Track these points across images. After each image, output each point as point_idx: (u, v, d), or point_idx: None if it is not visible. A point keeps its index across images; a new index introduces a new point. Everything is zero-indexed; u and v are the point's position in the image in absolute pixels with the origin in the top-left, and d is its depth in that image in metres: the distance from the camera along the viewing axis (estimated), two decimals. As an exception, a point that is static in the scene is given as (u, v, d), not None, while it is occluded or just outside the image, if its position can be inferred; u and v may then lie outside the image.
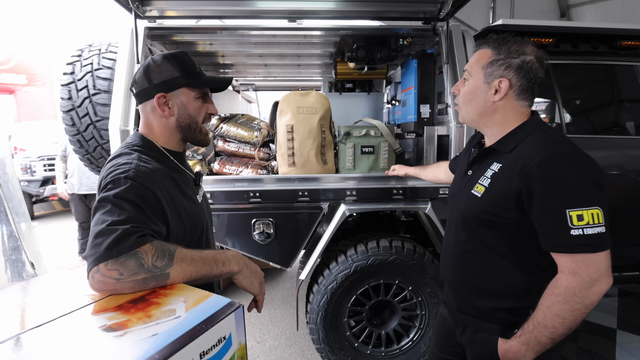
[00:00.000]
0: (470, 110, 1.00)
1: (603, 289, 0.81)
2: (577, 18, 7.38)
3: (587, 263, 0.80)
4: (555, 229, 0.82)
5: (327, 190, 1.81)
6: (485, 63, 0.95)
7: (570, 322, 0.82)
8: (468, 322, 1.05)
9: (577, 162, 0.83)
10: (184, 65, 0.92)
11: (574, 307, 0.81)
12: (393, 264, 1.86)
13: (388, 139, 1.95)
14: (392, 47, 2.07)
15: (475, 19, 6.84)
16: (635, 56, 2.17)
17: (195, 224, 0.94)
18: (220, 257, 0.77)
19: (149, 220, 0.73)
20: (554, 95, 2.16)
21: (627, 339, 2.40)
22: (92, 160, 1.93)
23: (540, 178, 0.83)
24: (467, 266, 1.03)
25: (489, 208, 0.93)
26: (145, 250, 0.66)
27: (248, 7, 1.89)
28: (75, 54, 1.90)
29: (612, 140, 2.17)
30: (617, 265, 2.15)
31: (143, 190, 0.76)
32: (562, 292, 0.82)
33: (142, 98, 0.93)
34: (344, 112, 2.99)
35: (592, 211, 0.79)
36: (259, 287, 0.84)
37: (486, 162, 0.99)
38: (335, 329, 1.92)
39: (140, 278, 0.65)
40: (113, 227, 0.67)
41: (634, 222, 2.09)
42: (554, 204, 0.81)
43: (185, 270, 0.70)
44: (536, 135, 0.90)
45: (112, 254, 0.64)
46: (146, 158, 0.86)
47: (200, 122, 0.97)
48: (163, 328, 0.52)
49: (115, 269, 0.64)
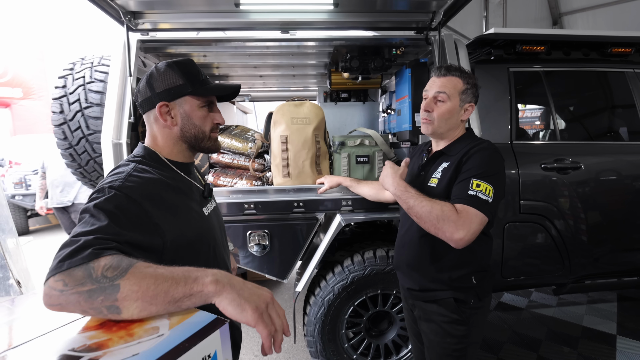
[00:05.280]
0: (444, 126, 1.24)
1: (457, 238, 1.04)
2: (569, 26, 7.50)
3: (465, 213, 1.05)
4: (461, 189, 1.11)
5: (323, 200, 1.79)
6: (460, 90, 1.22)
7: (423, 216, 1.09)
8: (427, 297, 1.25)
9: (496, 154, 1.17)
10: (187, 72, 0.89)
11: (435, 221, 1.06)
12: (390, 274, 1.83)
13: (383, 148, 1.94)
14: (386, 56, 2.08)
15: (468, 27, 6.94)
16: (625, 63, 2.20)
17: (199, 238, 0.88)
18: (194, 273, 0.62)
19: (126, 231, 0.68)
20: (547, 102, 2.18)
21: (627, 344, 2.37)
22: (85, 174, 1.91)
23: (470, 157, 1.14)
24: (427, 247, 1.24)
25: (442, 194, 1.18)
26: (99, 261, 0.59)
27: (241, 19, 1.90)
28: (67, 68, 1.89)
29: (606, 146, 2.18)
30: (615, 271, 2.14)
31: (125, 200, 0.72)
32: (446, 213, 1.05)
33: (145, 107, 0.90)
34: (340, 122, 3.00)
35: (488, 186, 1.08)
36: (255, 314, 0.61)
37: (437, 163, 1.27)
38: (333, 341, 1.89)
39: (86, 290, 0.57)
40: (76, 239, 0.62)
41: (631, 227, 2.08)
42: (468, 172, 1.12)
43: (141, 283, 0.58)
44: (474, 142, 1.22)
45: (64, 266, 0.58)
46: (142, 168, 0.82)
47: (208, 131, 0.93)
48: (144, 347, 0.50)
49: (60, 280, 0.58)
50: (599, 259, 2.06)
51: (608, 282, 2.18)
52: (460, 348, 1.21)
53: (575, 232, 2.01)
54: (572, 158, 1.99)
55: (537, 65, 2.12)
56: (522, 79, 2.13)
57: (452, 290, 1.21)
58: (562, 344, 2.41)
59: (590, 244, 2.03)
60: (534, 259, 2.03)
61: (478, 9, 7.26)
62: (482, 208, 1.05)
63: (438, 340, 1.23)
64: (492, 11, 7.31)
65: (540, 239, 2.00)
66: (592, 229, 2.02)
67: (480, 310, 1.23)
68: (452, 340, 1.21)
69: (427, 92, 1.27)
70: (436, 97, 1.23)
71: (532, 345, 2.41)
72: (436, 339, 1.24)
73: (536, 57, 2.14)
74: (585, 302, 3.00)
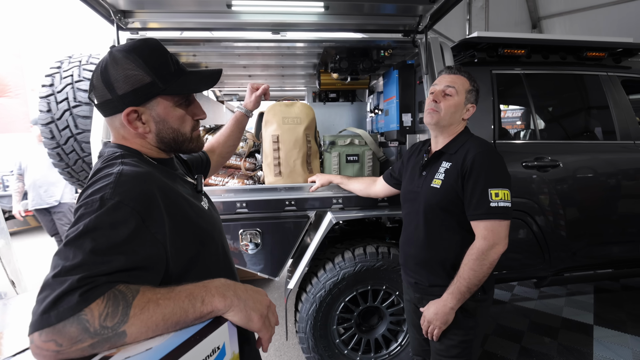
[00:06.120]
0: (448, 119, 1.29)
1: (500, 251, 1.16)
2: (547, 29, 7.75)
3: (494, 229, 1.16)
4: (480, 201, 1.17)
5: (314, 199, 1.83)
6: (467, 89, 1.30)
7: (479, 274, 1.16)
8: (436, 292, 1.28)
9: (497, 155, 1.24)
10: (154, 63, 0.72)
11: (482, 262, 1.15)
12: (380, 270, 1.88)
13: (372, 147, 1.99)
14: (374, 58, 2.13)
15: (452, 30, 7.09)
16: (599, 66, 2.31)
17: (208, 236, 0.80)
18: (198, 292, 0.59)
19: (116, 254, 0.57)
20: (527, 103, 2.27)
21: (603, 333, 2.50)
22: (73, 173, 1.88)
23: (475, 163, 1.19)
24: (435, 246, 1.31)
25: (447, 195, 1.24)
26: (92, 308, 0.51)
27: (231, 19, 1.91)
28: (55, 66, 1.86)
29: (583, 145, 2.28)
30: (591, 264, 2.25)
31: (118, 211, 0.60)
32: (475, 252, 1.16)
33: (107, 111, 0.74)
34: (328, 122, 3.03)
35: (505, 191, 1.17)
36: (260, 321, 0.64)
37: (437, 163, 1.32)
38: (325, 337, 1.93)
39: (87, 345, 0.51)
40: (60, 279, 0.53)
41: (606, 222, 2.19)
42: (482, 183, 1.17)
43: (148, 323, 0.54)
44: (471, 140, 1.29)
45: (51, 319, 0.50)
46: (130, 162, 0.70)
47: (189, 132, 0.81)
48: (157, 342, 0.53)
49: (51, 340, 0.49)
50: (577, 252, 2.16)
51: (584, 275, 2.29)
52: (467, 339, 1.28)
53: (555, 227, 2.10)
54: (551, 156, 2.08)
55: (518, 67, 2.21)
56: (504, 81, 2.21)
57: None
58: (543, 335, 2.52)
59: (569, 238, 2.12)
60: (516, 254, 2.11)
61: (462, 13, 7.44)
62: (506, 215, 1.16)
63: (446, 333, 1.28)
64: (475, 15, 7.50)
65: (522, 235, 2.09)
66: (570, 224, 2.11)
67: (485, 303, 1.30)
68: (460, 332, 1.27)
69: (436, 86, 1.33)
70: (445, 91, 1.29)
71: (515, 337, 2.51)
72: (444, 331, 1.28)
73: (517, 60, 2.23)
74: (564, 295, 3.13)
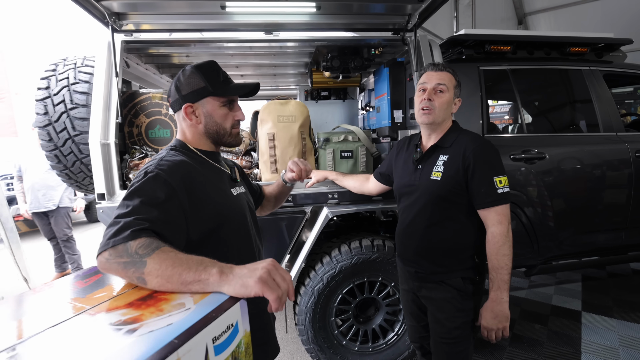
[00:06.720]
0: (442, 115, 1.34)
1: (510, 230, 1.26)
2: (532, 25, 7.89)
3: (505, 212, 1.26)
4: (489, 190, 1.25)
5: (310, 194, 1.87)
6: (454, 85, 1.35)
7: (511, 255, 1.24)
8: (437, 279, 1.37)
9: (492, 145, 1.33)
10: (209, 75, 1.01)
11: (508, 244, 1.24)
12: (375, 262, 1.94)
13: (365, 143, 2.04)
14: (365, 56, 2.19)
15: (440, 27, 7.18)
16: (582, 61, 2.40)
17: (228, 213, 1.00)
18: (205, 263, 0.69)
19: (156, 210, 0.81)
20: (514, 98, 2.34)
21: (591, 319, 2.60)
22: (71, 175, 1.89)
23: (477, 155, 1.27)
24: (434, 237, 1.35)
25: (449, 186, 1.29)
26: (135, 241, 0.73)
27: (224, 20, 1.94)
28: (50, 69, 1.87)
29: (568, 137, 2.36)
30: (577, 252, 2.34)
31: (157, 181, 0.86)
32: (499, 238, 1.24)
33: (175, 108, 1.04)
34: (321, 119, 3.08)
35: (505, 177, 1.27)
36: (258, 284, 0.64)
37: (434, 157, 1.36)
38: (324, 329, 1.98)
39: (123, 261, 0.71)
40: (117, 220, 0.77)
41: (591, 212, 2.28)
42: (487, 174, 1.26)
43: (161, 264, 0.69)
44: (463, 134, 1.35)
45: (110, 243, 0.74)
46: (174, 153, 0.98)
47: (228, 128, 1.06)
48: (177, 319, 0.57)
49: (107, 252, 0.74)
50: (564, 241, 2.25)
51: (571, 262, 2.38)
52: (468, 320, 1.34)
53: (543, 217, 2.18)
54: (538, 149, 2.16)
55: (505, 63, 2.28)
56: (491, 77, 2.28)
57: (459, 271, 1.34)
58: (533, 322, 2.61)
59: (556, 227, 2.21)
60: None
61: (449, 10, 7.52)
62: (509, 199, 1.27)
63: (447, 316, 1.34)
64: (462, 12, 7.60)
65: (512, 225, 2.16)
66: (557, 214, 2.20)
67: (481, 285, 1.40)
68: (461, 314, 1.33)
69: (425, 84, 1.35)
70: (436, 88, 1.32)
71: (506, 325, 2.59)
72: (445, 315, 1.35)
73: (503, 56, 2.30)
74: (553, 284, 3.23)
